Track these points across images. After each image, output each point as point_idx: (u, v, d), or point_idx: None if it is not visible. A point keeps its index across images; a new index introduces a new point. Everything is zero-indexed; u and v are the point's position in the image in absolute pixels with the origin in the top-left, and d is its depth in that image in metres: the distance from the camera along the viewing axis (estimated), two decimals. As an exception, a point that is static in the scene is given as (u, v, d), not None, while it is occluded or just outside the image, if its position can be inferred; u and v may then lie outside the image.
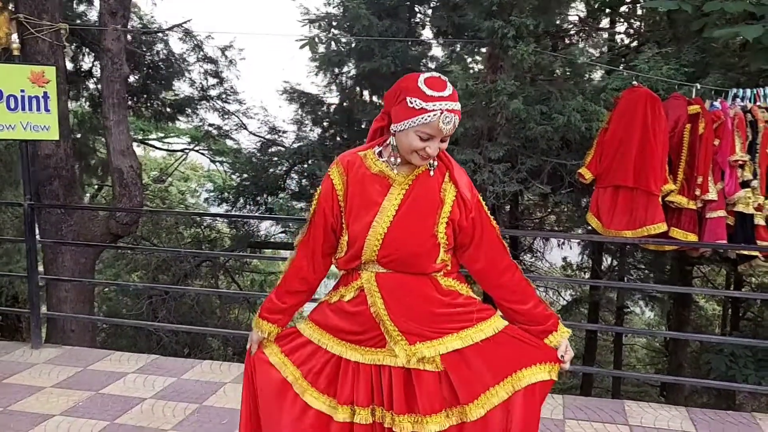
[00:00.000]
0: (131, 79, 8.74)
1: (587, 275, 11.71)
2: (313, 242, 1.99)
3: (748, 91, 4.23)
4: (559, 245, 11.59)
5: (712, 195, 4.02)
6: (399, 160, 1.89)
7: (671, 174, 4.10)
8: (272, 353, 2.08)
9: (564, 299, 12.68)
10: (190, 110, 9.99)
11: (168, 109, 9.67)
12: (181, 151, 12.86)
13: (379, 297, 1.91)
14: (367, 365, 1.94)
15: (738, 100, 4.21)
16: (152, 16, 10.04)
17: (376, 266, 1.92)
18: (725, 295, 11.26)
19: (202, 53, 9.69)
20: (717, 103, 4.19)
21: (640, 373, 12.88)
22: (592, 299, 11.13)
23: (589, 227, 4.42)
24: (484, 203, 1.99)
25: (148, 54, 9.10)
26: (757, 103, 4.14)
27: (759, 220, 4.00)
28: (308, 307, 2.24)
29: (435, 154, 1.85)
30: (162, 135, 13.25)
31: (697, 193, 4.05)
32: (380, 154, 1.94)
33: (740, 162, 4.00)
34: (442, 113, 1.77)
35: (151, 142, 13.60)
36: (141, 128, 12.41)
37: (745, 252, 4.08)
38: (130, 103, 9.09)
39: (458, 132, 6.13)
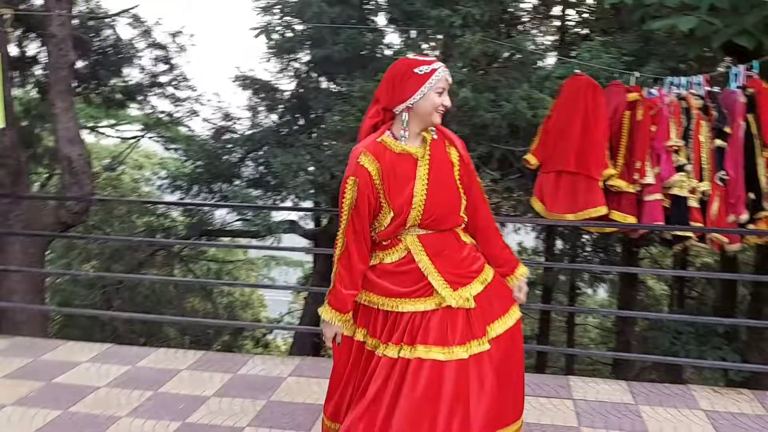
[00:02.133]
0: (79, 65, 8.55)
1: (542, 259, 12.03)
2: (360, 228, 2.24)
3: (683, 79, 4.40)
4: (515, 230, 11.87)
5: (649, 179, 4.18)
6: (408, 133, 2.23)
7: (612, 159, 4.25)
8: (357, 333, 2.38)
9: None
10: (141, 97, 9.83)
11: (118, 96, 9.49)
12: (134, 138, 12.63)
13: (425, 255, 2.27)
14: (417, 312, 2.26)
15: (673, 87, 4.38)
16: (99, 2, 9.76)
17: (417, 230, 2.27)
18: (671, 275, 11.72)
19: (151, 39, 9.51)
20: (654, 91, 4.34)
21: (586, 350, 13.29)
22: (545, 282, 11.44)
23: (535, 211, 4.57)
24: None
25: (96, 40, 8.90)
26: (691, 91, 4.32)
27: (692, 203, 4.18)
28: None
29: (450, 105, 2.24)
30: (114, 122, 12.97)
31: (636, 177, 4.20)
32: (394, 137, 2.25)
33: (675, 147, 4.17)
34: (442, 68, 2.19)
35: (102, 130, 13.30)
36: (92, 115, 12.13)
37: (680, 233, 4.27)
38: (78, 89, 8.89)
39: (410, 119, 6.17)
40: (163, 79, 9.98)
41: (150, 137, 12.10)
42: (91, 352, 4.33)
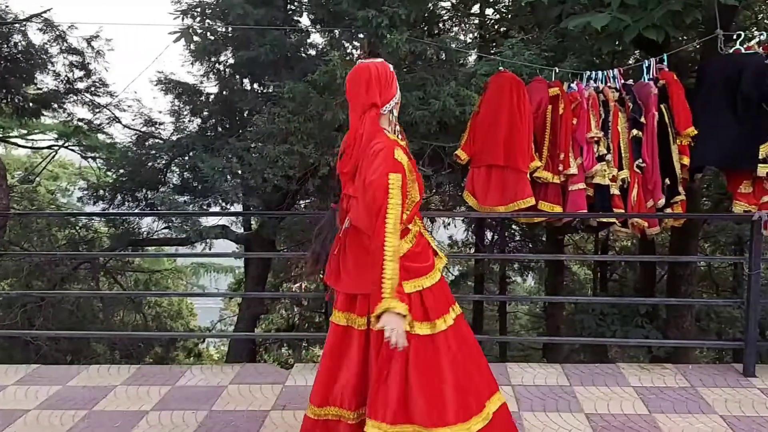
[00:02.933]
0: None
1: (472, 250, 12.31)
2: (400, 221, 2.31)
3: (600, 73, 4.62)
4: (444, 226, 12.09)
5: (573, 170, 4.36)
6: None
7: (537, 152, 4.41)
8: (421, 327, 2.43)
9: (452, 274, 13.24)
10: (56, 105, 9.35)
11: (31, 104, 8.99)
12: (48, 148, 12.01)
13: (425, 230, 2.55)
14: (436, 283, 2.49)
15: (591, 81, 4.59)
16: (6, 6, 9.22)
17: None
18: (594, 260, 12.26)
19: (65, 44, 9.07)
20: (574, 85, 4.54)
21: (519, 337, 13.73)
22: (477, 272, 11.73)
23: (467, 205, 4.68)
24: None
25: (5, 46, 8.41)
26: (608, 84, 4.54)
27: (614, 191, 4.40)
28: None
29: None
30: (25, 132, 12.30)
31: (560, 168, 4.38)
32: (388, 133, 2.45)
33: (596, 138, 4.37)
34: None
35: (12, 140, 12.59)
36: (0, 125, 11.48)
37: (603, 219, 4.48)
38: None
39: (340, 118, 6.22)
40: (79, 85, 9.55)
41: (66, 146, 11.55)
42: (16, 374, 4.14)
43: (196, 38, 7.40)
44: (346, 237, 2.53)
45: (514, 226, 11.05)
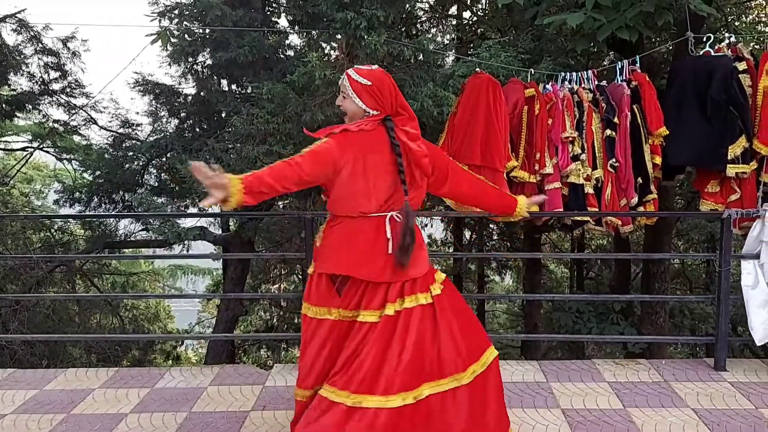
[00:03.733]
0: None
1: (451, 249, 12.40)
2: None
3: (574, 74, 4.71)
4: (422, 226, 12.16)
5: (548, 169, 4.44)
6: None
7: (513, 152, 4.48)
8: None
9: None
10: (30, 106, 9.22)
11: (5, 106, 8.86)
12: (22, 149, 11.83)
13: None
14: None
15: (566, 83, 4.67)
16: (-22, 7, 9.13)
17: None
18: (570, 258, 12.42)
19: (40, 45, 8.95)
20: (549, 86, 4.62)
21: (499, 335, 13.84)
22: (455, 271, 11.81)
23: (445, 204, 4.73)
24: None
25: (-22, 47, 8.28)
26: (582, 86, 4.62)
27: (588, 189, 4.48)
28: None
29: None
30: (-2, 134, 12.11)
31: (536, 168, 4.45)
32: None
33: (570, 138, 4.44)
34: None
35: (-15, 142, 12.39)
36: (-29, 127, 11.28)
37: (579, 218, 4.56)
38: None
39: (319, 119, 6.23)
40: (55, 86, 9.43)
41: (41, 148, 11.40)
42: (-9, 379, 4.08)
43: (173, 40, 7.36)
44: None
45: (491, 226, 11.14)
